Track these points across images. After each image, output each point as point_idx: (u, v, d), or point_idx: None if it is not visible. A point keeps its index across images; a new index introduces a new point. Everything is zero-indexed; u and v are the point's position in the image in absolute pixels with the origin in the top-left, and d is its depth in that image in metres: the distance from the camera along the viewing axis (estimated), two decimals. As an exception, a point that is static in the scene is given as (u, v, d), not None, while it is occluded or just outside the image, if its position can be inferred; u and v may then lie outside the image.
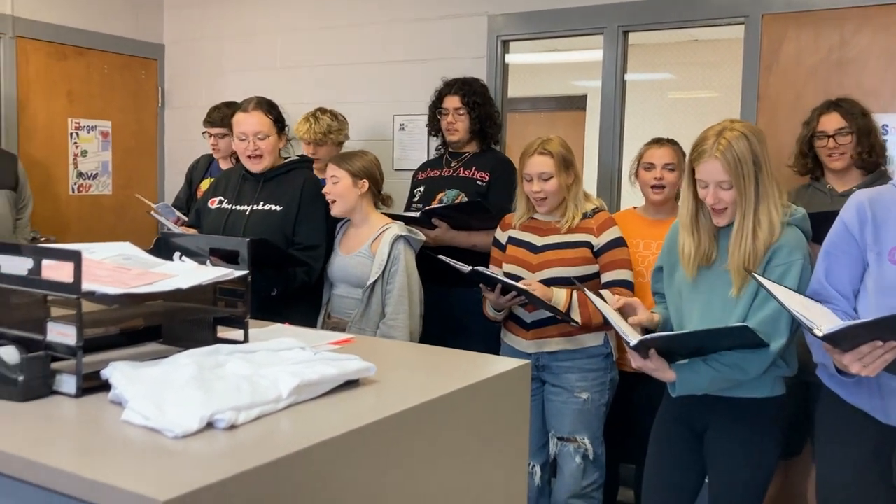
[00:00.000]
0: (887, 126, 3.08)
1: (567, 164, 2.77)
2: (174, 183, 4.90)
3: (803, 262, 2.12)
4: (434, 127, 3.53)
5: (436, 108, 3.49)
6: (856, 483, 2.02)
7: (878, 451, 1.99)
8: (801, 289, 2.08)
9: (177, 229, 3.11)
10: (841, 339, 1.76)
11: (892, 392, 1.93)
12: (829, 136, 2.85)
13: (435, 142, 3.72)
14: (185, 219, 3.48)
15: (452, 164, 3.42)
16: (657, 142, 3.02)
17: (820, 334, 1.74)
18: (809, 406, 2.64)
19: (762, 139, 2.14)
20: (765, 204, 2.12)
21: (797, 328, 2.11)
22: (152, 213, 3.68)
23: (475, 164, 3.37)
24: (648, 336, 2.04)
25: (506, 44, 3.97)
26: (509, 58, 4.01)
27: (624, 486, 3.30)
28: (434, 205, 3.28)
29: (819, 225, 2.23)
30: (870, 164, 2.85)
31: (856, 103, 2.89)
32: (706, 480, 2.37)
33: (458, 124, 3.38)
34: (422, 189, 3.43)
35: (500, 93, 3.97)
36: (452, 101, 3.41)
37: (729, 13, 3.40)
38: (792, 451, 2.95)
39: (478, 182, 3.31)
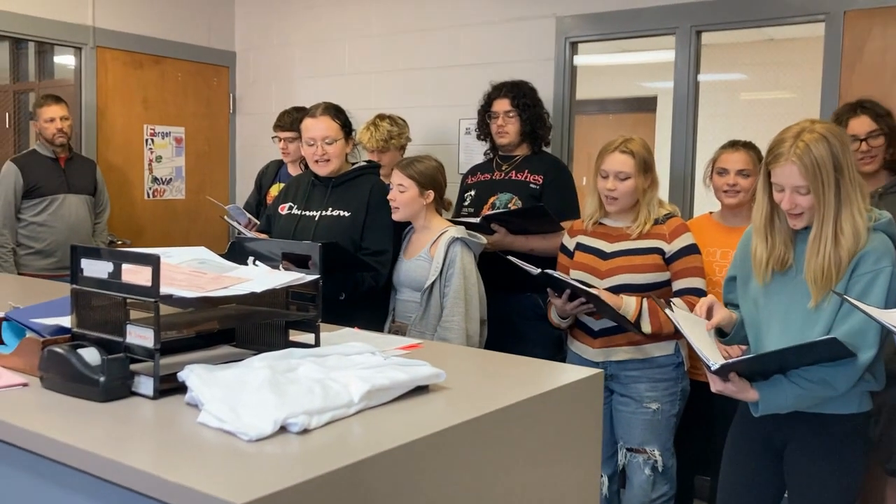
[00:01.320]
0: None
1: (647, 167, 2.70)
2: (244, 187, 5.00)
3: (892, 270, 2.00)
4: (483, 131, 3.50)
5: (485, 112, 3.46)
6: None
7: None
8: (890, 297, 1.97)
9: (248, 233, 3.16)
10: None
11: None
12: (861, 140, 2.75)
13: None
14: (257, 222, 3.54)
15: (504, 168, 3.39)
16: (732, 145, 2.93)
17: None
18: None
19: (844, 141, 2.03)
20: (847, 210, 2.01)
21: (885, 339, 2.01)
22: (226, 217, 3.75)
23: (527, 166, 3.34)
24: (730, 360, 1.95)
25: (574, 45, 3.92)
26: (577, 59, 3.96)
27: (699, 499, 3.20)
28: (486, 208, 3.26)
29: None
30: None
31: (878, 104, 2.80)
32: (785, 497, 2.28)
33: (508, 127, 3.35)
34: (472, 193, 3.41)
35: (568, 95, 3.92)
36: (502, 105, 3.38)
37: (808, 10, 3.29)
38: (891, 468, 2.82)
39: (531, 185, 3.28)
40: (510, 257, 2.77)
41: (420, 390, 1.30)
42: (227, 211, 3.78)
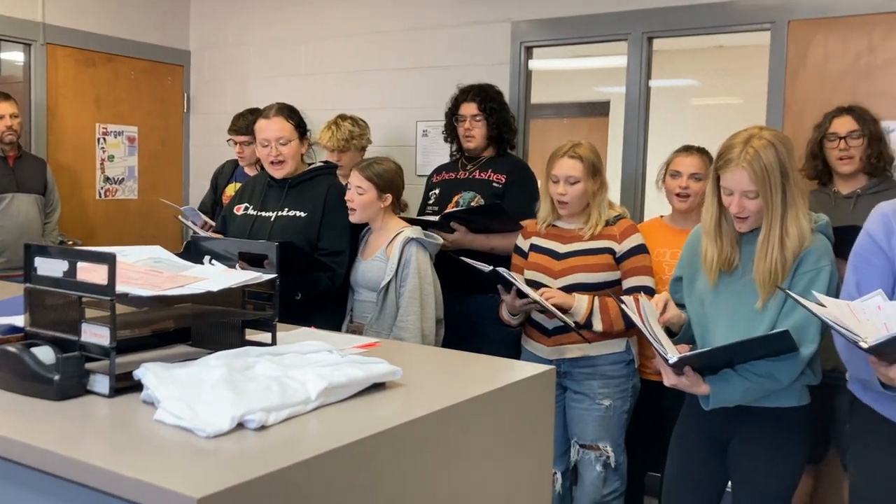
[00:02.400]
0: (900, 132, 3.05)
1: (595, 170, 2.77)
2: (199, 188, 4.95)
3: (831, 269, 2.10)
4: (451, 134, 3.54)
5: (452, 116, 3.50)
6: (893, 497, 1.99)
7: None
8: (829, 294, 2.05)
9: (203, 233, 3.15)
10: (887, 350, 1.73)
11: None
12: (840, 138, 2.86)
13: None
14: (212, 223, 3.51)
15: (468, 167, 3.43)
16: (686, 150, 3.01)
17: (866, 346, 1.71)
18: (828, 413, 2.63)
19: (790, 147, 2.12)
20: (792, 212, 2.09)
21: (825, 333, 2.09)
22: (179, 217, 3.72)
23: (491, 166, 3.39)
24: (686, 354, 2.02)
25: (529, 50, 3.98)
26: (532, 64, 4.02)
27: (649, 495, 3.27)
28: (450, 207, 3.29)
29: (839, 239, 2.21)
30: (877, 169, 2.86)
31: (867, 110, 2.90)
32: (727, 489, 2.36)
33: (475, 131, 3.40)
34: (437, 192, 3.44)
35: (523, 99, 3.98)
36: (469, 108, 3.42)
37: (755, 19, 3.39)
38: (814, 457, 2.93)
39: (494, 184, 3.32)
40: (462, 257, 2.80)
41: (377, 387, 1.32)
42: (181, 212, 3.75)
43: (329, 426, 1.16)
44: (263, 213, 3.04)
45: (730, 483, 2.34)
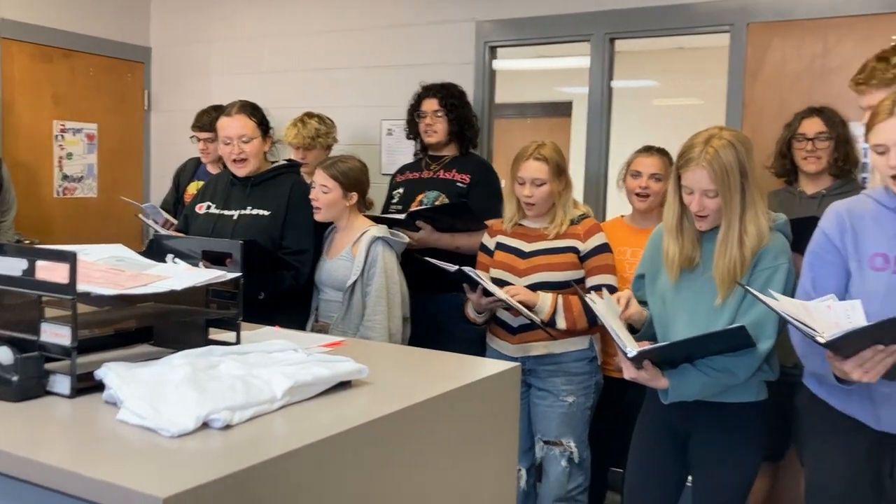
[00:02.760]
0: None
1: (560, 171, 2.80)
2: (160, 186, 4.89)
3: (788, 266, 2.15)
4: (413, 131, 3.55)
5: (414, 112, 3.51)
6: (848, 490, 2.03)
7: (869, 458, 2.01)
8: (785, 292, 2.10)
9: (164, 231, 3.11)
10: (843, 345, 1.77)
11: (883, 398, 1.95)
12: (808, 139, 2.91)
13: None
14: (174, 221, 3.47)
15: (432, 167, 3.44)
16: (647, 150, 3.05)
17: (823, 341, 1.75)
18: (787, 410, 2.68)
19: (749, 147, 2.16)
20: (751, 211, 2.14)
21: (782, 330, 2.14)
22: (140, 215, 3.67)
23: (455, 166, 3.40)
24: (646, 348, 2.05)
25: (493, 50, 3.99)
26: (496, 64, 4.04)
27: (612, 490, 3.31)
28: (414, 207, 3.30)
29: (796, 232, 2.27)
30: (843, 171, 2.91)
31: (837, 112, 2.95)
32: (688, 483, 2.40)
33: (436, 126, 3.41)
34: (401, 191, 3.44)
35: (488, 99, 3.99)
36: (430, 104, 3.43)
37: (714, 21, 3.45)
38: (774, 455, 2.99)
39: (458, 184, 3.34)
40: (427, 258, 2.81)
41: (343, 386, 1.32)
42: (142, 210, 3.70)
43: (295, 425, 1.16)
44: (226, 212, 3.01)
45: (690, 477, 2.39)
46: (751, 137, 2.32)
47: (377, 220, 3.06)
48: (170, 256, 1.53)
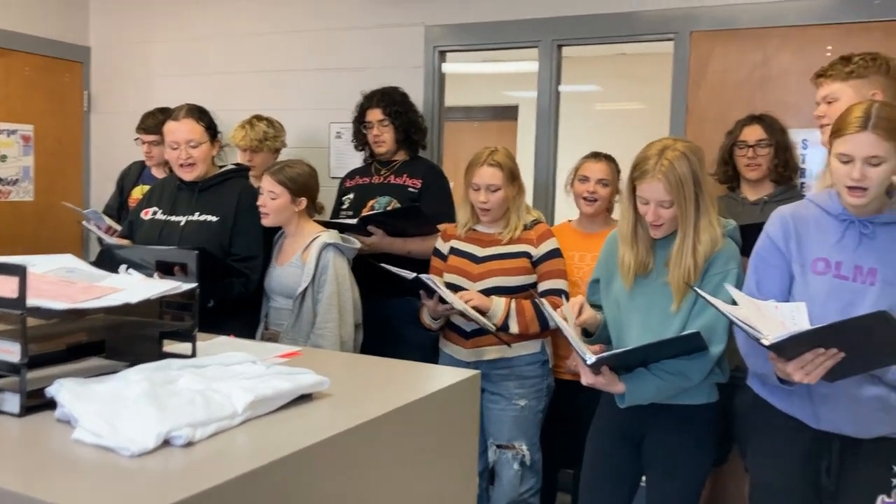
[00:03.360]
0: (807, 141, 3.23)
1: (513, 176, 2.83)
2: (100, 190, 4.76)
3: (738, 271, 2.21)
4: (360, 141, 3.52)
5: (360, 123, 3.49)
6: (789, 485, 2.11)
7: (809, 456, 2.10)
8: (736, 297, 2.17)
9: (107, 238, 3.02)
10: (786, 348, 1.83)
11: (822, 398, 2.02)
12: (749, 146, 2.98)
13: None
14: (117, 228, 3.38)
15: (382, 172, 3.43)
16: (594, 156, 3.11)
17: (767, 343, 1.81)
18: (729, 412, 2.74)
19: (701, 157, 2.21)
20: (705, 220, 2.19)
21: (732, 334, 2.20)
22: (83, 222, 3.56)
23: (406, 171, 3.39)
24: (604, 354, 2.09)
25: (443, 54, 4.00)
26: (444, 67, 4.05)
27: (562, 491, 3.35)
28: (366, 212, 3.28)
29: (746, 237, 2.33)
30: (783, 177, 2.99)
31: (776, 120, 3.03)
32: (641, 484, 2.44)
33: (384, 136, 3.40)
34: (351, 197, 3.42)
35: (437, 102, 4.00)
36: (375, 114, 3.42)
37: (660, 29, 3.52)
38: (717, 459, 3.05)
39: (410, 189, 3.33)
40: (383, 265, 2.80)
41: (304, 398, 1.31)
42: (84, 216, 3.59)
43: (258, 441, 1.14)
44: (173, 218, 2.95)
45: (644, 477, 2.43)
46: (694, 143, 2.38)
47: (328, 224, 3.03)
48: (122, 267, 1.49)
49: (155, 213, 3.00)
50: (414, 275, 2.68)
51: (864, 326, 1.75)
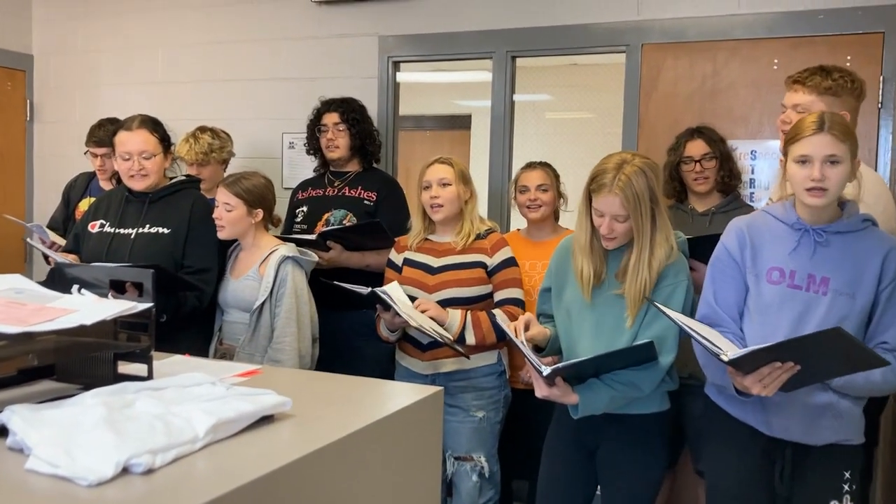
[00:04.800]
0: (756, 151, 3.31)
1: (465, 178, 2.86)
2: (44, 201, 4.63)
3: (687, 283, 2.25)
4: (313, 146, 3.48)
5: (314, 127, 3.45)
6: (743, 491, 2.15)
7: (762, 461, 2.14)
8: (685, 307, 2.21)
9: (52, 254, 2.92)
10: (744, 363, 1.88)
11: (774, 406, 2.07)
12: (695, 161, 3.02)
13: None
14: (61, 242, 3.28)
15: (336, 184, 3.39)
16: (529, 166, 3.17)
17: (726, 359, 1.85)
18: (681, 417, 2.79)
19: (658, 174, 2.24)
20: (661, 235, 2.22)
21: (682, 344, 2.23)
22: (27, 238, 3.44)
23: (360, 183, 3.37)
24: (559, 365, 2.10)
25: (396, 64, 3.99)
26: (398, 76, 4.04)
27: (518, 501, 3.36)
28: (321, 226, 3.25)
29: (702, 247, 2.37)
30: (729, 187, 3.04)
31: (714, 130, 3.09)
32: (597, 493, 2.46)
33: (338, 140, 3.37)
34: (305, 209, 3.38)
35: (392, 112, 3.99)
36: (331, 118, 3.39)
37: (612, 42, 3.56)
38: (669, 463, 3.10)
39: (365, 201, 3.31)
40: (337, 283, 2.77)
41: (266, 419, 1.28)
42: (27, 230, 3.47)
43: (221, 466, 1.11)
44: (122, 231, 2.87)
45: (599, 487, 2.45)
46: (646, 154, 2.41)
47: (286, 239, 2.99)
48: (75, 287, 1.44)
49: (102, 225, 2.92)
50: (369, 290, 2.66)
51: (819, 342, 1.80)
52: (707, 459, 2.34)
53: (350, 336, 3.14)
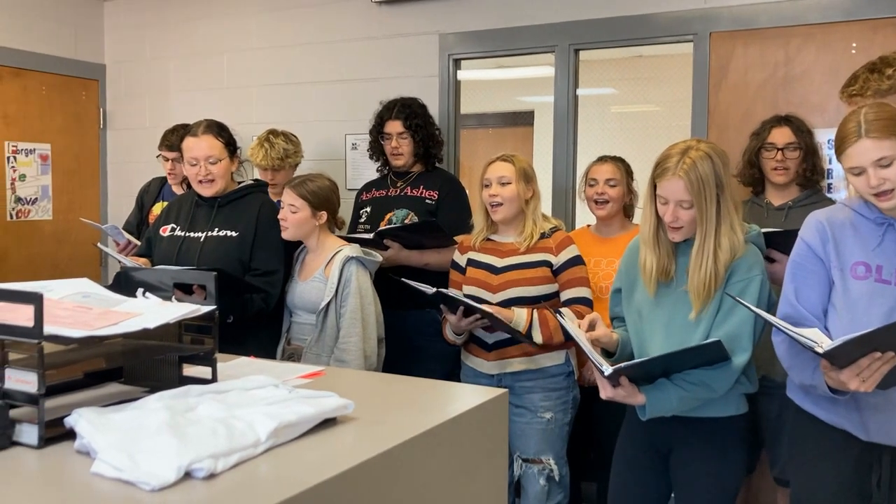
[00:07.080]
0: (832, 141, 3.15)
1: (527, 177, 2.79)
2: (119, 206, 4.77)
3: (761, 278, 2.14)
4: (376, 151, 3.47)
5: (378, 133, 3.43)
6: (837, 502, 2.02)
7: (857, 469, 2.00)
8: (759, 304, 2.10)
9: (123, 259, 2.99)
10: (840, 355, 1.76)
11: (871, 408, 1.94)
12: (778, 149, 2.87)
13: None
14: (137, 243, 3.37)
15: (399, 184, 3.39)
16: (600, 159, 3.11)
17: (821, 351, 1.74)
18: (759, 421, 2.67)
19: (725, 161, 2.14)
20: (726, 224, 2.12)
21: (758, 343, 2.13)
22: (98, 244, 3.54)
23: (422, 182, 3.35)
24: (622, 365, 2.02)
25: (457, 62, 3.97)
26: (459, 74, 4.01)
27: (586, 502, 3.29)
28: (383, 225, 3.24)
29: (776, 242, 2.26)
30: (810, 182, 2.89)
31: (804, 122, 2.93)
32: (671, 499, 2.38)
33: (402, 148, 3.35)
34: (368, 210, 3.38)
35: (453, 111, 3.96)
36: (394, 126, 3.37)
37: (678, 31, 3.46)
38: (748, 468, 2.99)
39: (427, 201, 3.29)
40: (404, 279, 2.76)
41: (328, 422, 1.27)
42: (102, 232, 3.58)
43: (283, 470, 1.10)
44: (192, 234, 2.93)
45: (672, 494, 2.37)
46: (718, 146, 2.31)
47: (346, 239, 3.00)
48: (139, 290, 1.46)
49: (173, 229, 2.98)
50: (434, 289, 2.64)
51: None
52: (795, 470, 2.19)
53: (414, 335, 3.13)
